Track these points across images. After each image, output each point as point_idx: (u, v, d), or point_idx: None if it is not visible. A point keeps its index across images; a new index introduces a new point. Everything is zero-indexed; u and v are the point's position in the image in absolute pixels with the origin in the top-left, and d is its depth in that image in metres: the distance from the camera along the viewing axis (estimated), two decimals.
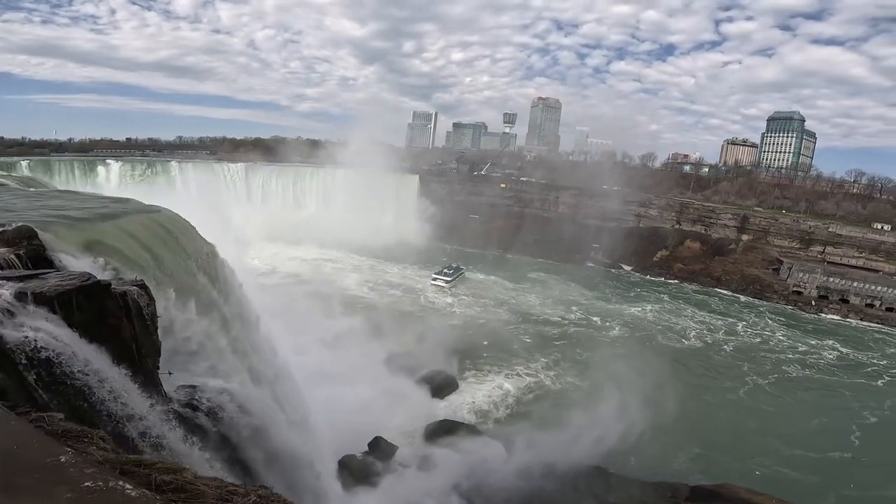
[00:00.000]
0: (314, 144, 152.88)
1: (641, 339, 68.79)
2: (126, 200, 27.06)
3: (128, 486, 4.19)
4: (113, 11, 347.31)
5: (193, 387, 16.60)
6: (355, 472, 29.86)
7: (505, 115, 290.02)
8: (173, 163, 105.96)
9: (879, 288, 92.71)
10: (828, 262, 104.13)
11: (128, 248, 18.77)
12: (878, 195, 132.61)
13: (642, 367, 46.98)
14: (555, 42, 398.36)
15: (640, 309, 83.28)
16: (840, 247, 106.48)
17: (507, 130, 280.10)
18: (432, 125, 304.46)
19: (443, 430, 37.89)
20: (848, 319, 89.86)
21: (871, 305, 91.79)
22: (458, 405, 44.12)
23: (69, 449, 4.85)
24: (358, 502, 25.93)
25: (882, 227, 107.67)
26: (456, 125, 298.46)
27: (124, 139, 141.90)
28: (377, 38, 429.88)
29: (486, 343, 59.76)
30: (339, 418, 31.35)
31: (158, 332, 14.80)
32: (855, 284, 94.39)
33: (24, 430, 5.11)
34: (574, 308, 79.31)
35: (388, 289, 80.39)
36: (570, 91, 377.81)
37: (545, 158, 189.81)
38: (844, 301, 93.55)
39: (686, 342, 70.27)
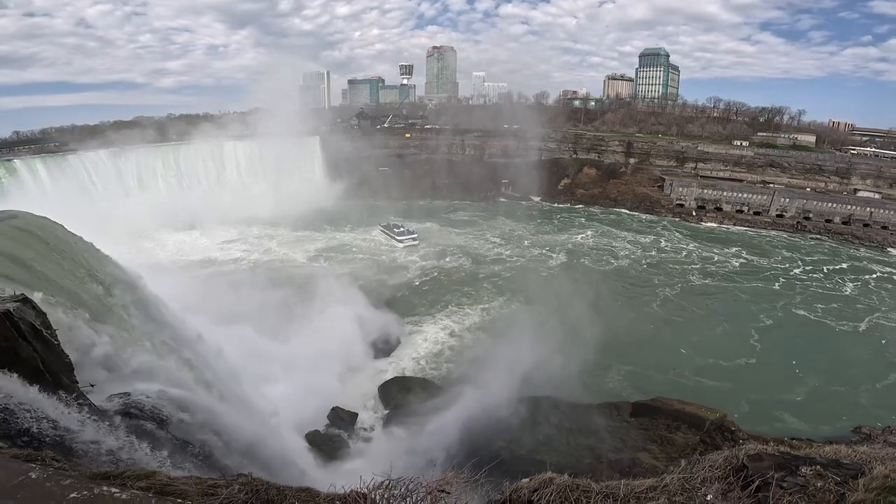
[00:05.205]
0: (190, 119, 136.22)
1: (580, 264, 75.10)
2: None
3: (114, 489, 4.08)
4: None
5: (126, 394, 15.00)
6: (322, 445, 29.05)
7: (401, 66, 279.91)
8: (16, 161, 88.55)
9: (745, 195, 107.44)
10: (701, 177, 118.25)
11: None
12: (735, 117, 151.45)
13: (579, 291, 50.80)
14: None
15: (582, 235, 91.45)
16: (709, 162, 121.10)
17: (406, 82, 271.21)
18: (326, 85, 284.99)
19: (396, 386, 38.03)
20: (724, 225, 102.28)
21: (740, 211, 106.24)
22: (404, 359, 44.33)
23: (34, 465, 4.49)
24: (335, 475, 25.25)
25: (741, 144, 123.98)
26: (351, 82, 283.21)
27: None
28: None
29: (425, 289, 61.00)
30: (292, 398, 29.84)
31: (62, 345, 13.65)
32: (725, 194, 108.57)
33: None
34: (526, 243, 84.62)
35: (321, 256, 76.59)
36: (462, 38, 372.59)
37: (446, 105, 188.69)
38: (719, 209, 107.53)
39: (615, 262, 76.96)
